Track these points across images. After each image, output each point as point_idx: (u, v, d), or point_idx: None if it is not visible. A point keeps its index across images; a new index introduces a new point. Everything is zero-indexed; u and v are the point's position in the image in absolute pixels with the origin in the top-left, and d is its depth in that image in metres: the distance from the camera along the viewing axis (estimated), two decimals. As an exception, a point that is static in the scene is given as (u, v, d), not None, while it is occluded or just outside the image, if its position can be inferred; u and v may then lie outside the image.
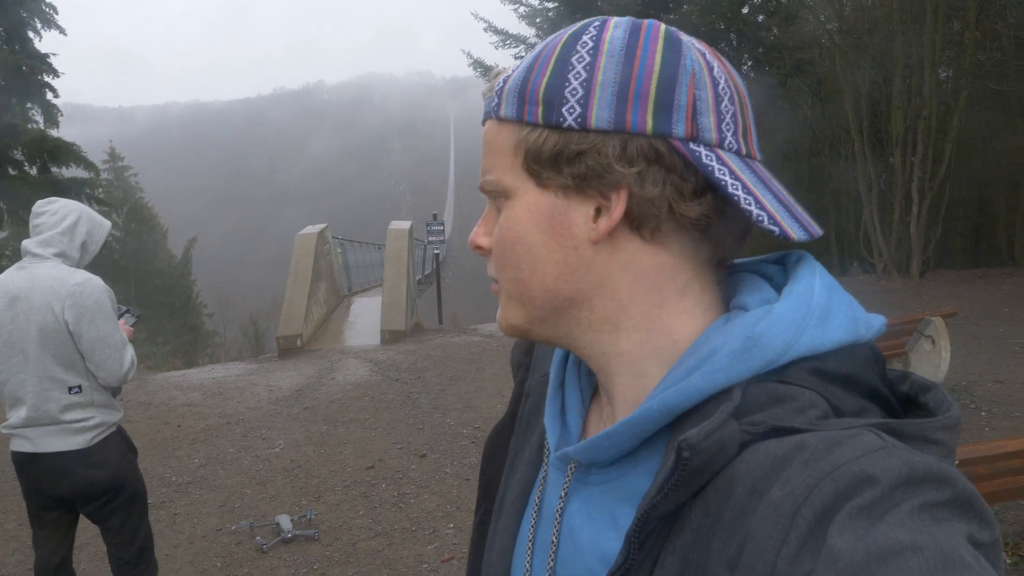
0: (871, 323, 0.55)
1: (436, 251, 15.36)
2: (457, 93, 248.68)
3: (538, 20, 18.40)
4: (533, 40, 18.44)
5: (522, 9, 18.35)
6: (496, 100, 0.61)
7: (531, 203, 0.59)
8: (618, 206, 0.55)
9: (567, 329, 0.62)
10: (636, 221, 0.56)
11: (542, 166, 0.57)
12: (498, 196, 0.62)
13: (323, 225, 13.71)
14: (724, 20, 16.12)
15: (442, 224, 15.35)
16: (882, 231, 12.17)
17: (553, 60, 0.57)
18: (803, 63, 14.64)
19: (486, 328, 12.41)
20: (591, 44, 0.56)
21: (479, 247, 0.65)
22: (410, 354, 9.73)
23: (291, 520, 4.40)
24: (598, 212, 0.57)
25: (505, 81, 0.61)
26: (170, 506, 4.90)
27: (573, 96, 0.55)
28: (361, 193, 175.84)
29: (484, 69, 18.35)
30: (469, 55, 18.58)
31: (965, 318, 8.14)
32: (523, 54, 18.41)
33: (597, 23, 0.58)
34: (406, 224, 14.04)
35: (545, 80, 0.57)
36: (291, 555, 4.10)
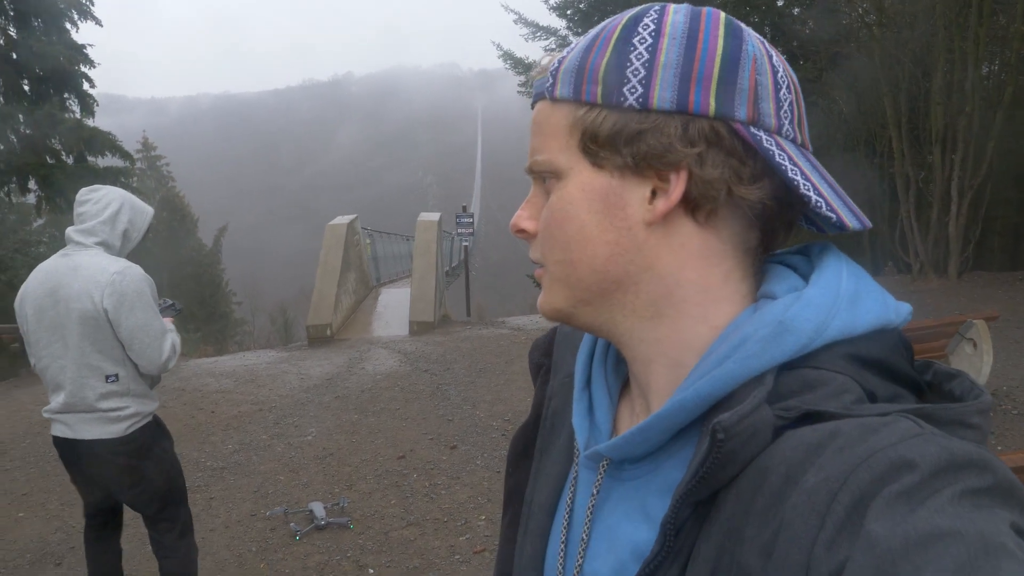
0: (899, 309, 0.55)
1: (465, 243, 15.37)
2: (485, 85, 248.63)
3: (569, 12, 18.21)
4: (564, 32, 18.29)
5: (552, 1, 18.19)
6: (550, 80, 0.61)
7: (585, 183, 0.58)
8: (677, 187, 0.55)
9: (610, 314, 0.61)
10: (693, 204, 0.56)
11: (600, 145, 0.57)
12: (548, 177, 0.61)
13: (353, 216, 13.78)
14: (758, 12, 15.86)
15: (471, 216, 15.37)
16: (919, 230, 11.92)
17: (613, 41, 0.57)
18: (839, 57, 14.37)
19: (514, 321, 12.40)
20: (653, 27, 0.56)
21: (523, 231, 0.64)
22: (439, 345, 9.75)
23: (324, 508, 4.44)
24: (654, 194, 0.57)
25: (560, 62, 0.60)
26: (205, 490, 4.97)
27: (635, 76, 0.55)
28: (389, 185, 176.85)
29: (514, 61, 18.25)
30: (499, 47, 18.49)
31: (1006, 321, 7.94)
32: (553, 46, 18.28)
33: (657, 7, 0.58)
34: (435, 216, 14.07)
35: (605, 60, 0.57)
36: (324, 542, 4.13)
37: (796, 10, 16.56)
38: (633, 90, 0.55)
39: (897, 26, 12.25)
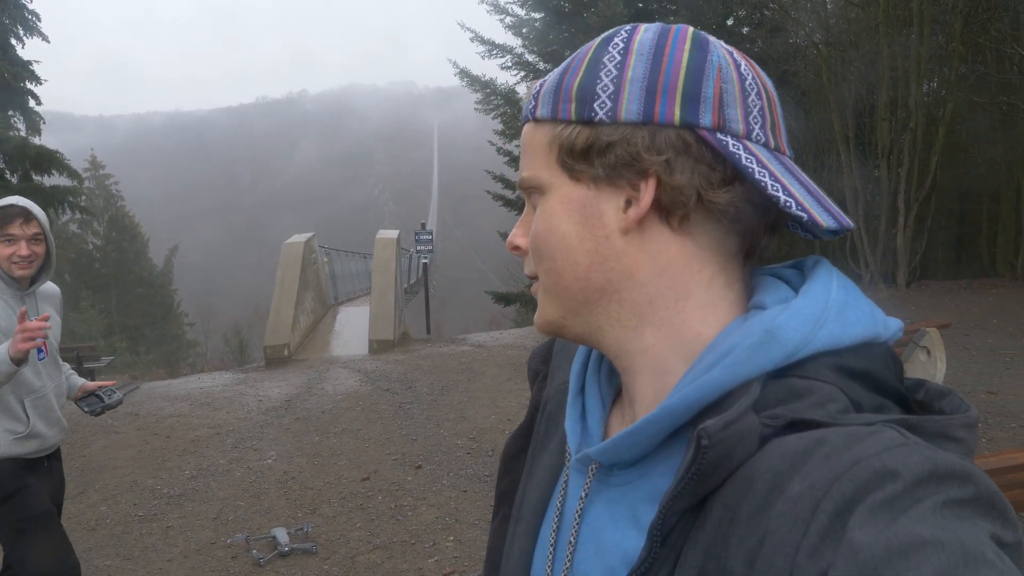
0: (889, 324, 0.57)
1: (424, 260, 15.31)
2: (441, 103, 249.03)
3: (524, 30, 18.37)
4: (519, 50, 18.44)
5: (508, 20, 18.32)
6: (533, 103, 0.64)
7: (564, 195, 0.61)
8: (646, 194, 0.57)
9: (597, 324, 0.62)
10: (665, 210, 0.58)
11: (575, 159, 0.60)
12: (533, 192, 0.64)
13: (310, 234, 13.61)
14: (709, 31, 16.14)
15: (430, 233, 15.32)
16: (868, 241, 12.27)
17: (586, 61, 0.61)
18: (788, 74, 14.77)
19: (475, 338, 12.35)
20: (622, 45, 0.60)
21: (516, 247, 0.67)
22: (399, 364, 9.65)
23: (287, 533, 4.32)
24: (628, 204, 0.59)
25: (542, 85, 0.64)
26: (162, 519, 4.80)
27: (604, 92, 0.58)
28: (346, 202, 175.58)
29: (470, 79, 18.33)
30: (455, 64, 18.57)
31: (954, 329, 8.20)
32: (509, 64, 18.43)
33: (628, 28, 0.61)
34: (393, 233, 13.98)
35: (578, 79, 0.60)
36: (289, 569, 4.02)
37: (745, 29, 16.97)
38: (603, 105, 0.58)
39: (843, 45, 12.66)
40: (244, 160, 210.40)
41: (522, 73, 18.45)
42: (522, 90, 18.44)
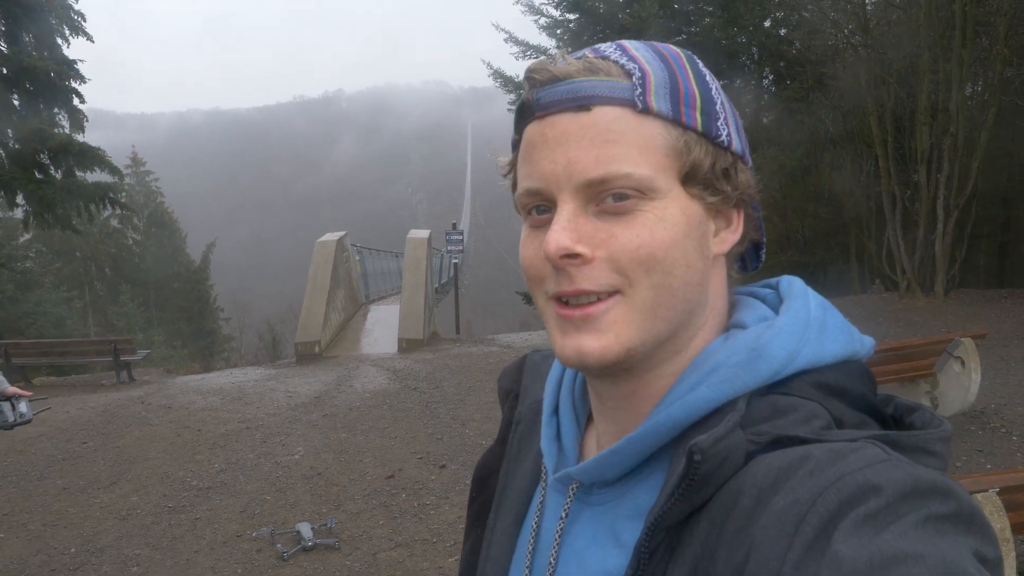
0: (864, 341, 0.58)
1: (455, 260, 15.36)
2: (475, 103, 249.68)
3: (559, 31, 18.38)
4: (554, 51, 18.40)
5: (543, 20, 18.34)
6: (639, 89, 0.55)
7: (684, 207, 0.56)
8: (739, 221, 0.60)
9: (673, 347, 0.58)
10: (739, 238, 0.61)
11: (703, 176, 0.56)
12: (627, 194, 0.54)
13: (342, 232, 13.76)
14: (746, 33, 16.04)
15: (461, 233, 15.37)
16: (906, 248, 12.01)
17: (688, 68, 0.58)
18: (825, 77, 14.53)
19: (504, 338, 12.37)
20: (700, 64, 0.60)
21: (577, 255, 0.54)
22: (428, 363, 9.71)
23: (312, 528, 4.38)
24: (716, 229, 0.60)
25: (642, 72, 0.55)
26: (191, 510, 4.90)
27: (720, 114, 0.58)
28: (379, 201, 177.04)
29: (504, 80, 18.37)
30: (489, 65, 18.61)
31: (992, 339, 7.99)
32: (544, 65, 18.43)
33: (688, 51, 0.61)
34: (424, 233, 14.06)
35: (698, 91, 0.57)
36: (311, 564, 4.08)
37: (783, 31, 16.75)
38: (723, 127, 0.57)
39: (882, 47, 12.41)
40: (282, 158, 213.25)
41: (555, 74, 18.47)
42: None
